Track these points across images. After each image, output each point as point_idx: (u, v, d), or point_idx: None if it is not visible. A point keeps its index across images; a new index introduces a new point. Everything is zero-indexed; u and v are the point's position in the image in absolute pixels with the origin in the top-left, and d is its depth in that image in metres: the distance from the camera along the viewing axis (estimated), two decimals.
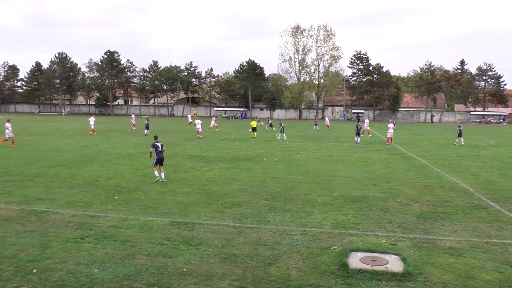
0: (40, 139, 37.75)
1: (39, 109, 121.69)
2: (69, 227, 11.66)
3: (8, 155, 26.24)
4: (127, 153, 27.83)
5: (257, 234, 11.19)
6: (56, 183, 17.70)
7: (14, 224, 11.86)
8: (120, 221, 12.19)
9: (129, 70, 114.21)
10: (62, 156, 26.05)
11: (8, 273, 8.68)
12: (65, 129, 51.71)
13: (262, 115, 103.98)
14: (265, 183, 18.06)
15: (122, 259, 9.43)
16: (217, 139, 39.47)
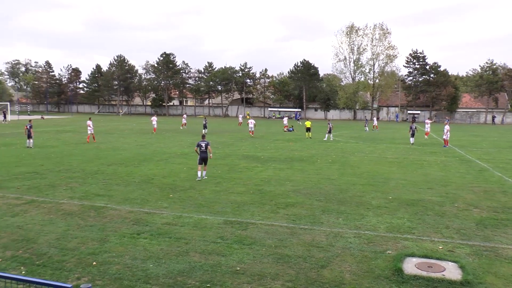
0: (99, 138, 39.21)
1: (99, 109, 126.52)
2: (126, 223, 12.04)
3: (71, 153, 27.44)
4: (182, 153, 28.41)
5: (310, 236, 11.12)
6: (114, 180, 18.34)
7: (76, 218, 12.40)
8: (174, 219, 12.45)
9: (185, 72, 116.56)
10: (119, 155, 26.95)
11: (71, 264, 9.09)
12: (122, 129, 53.45)
13: (317, 116, 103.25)
14: (319, 184, 17.92)
15: (176, 255, 9.63)
16: (271, 139, 39.56)
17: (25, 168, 21.40)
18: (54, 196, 15.20)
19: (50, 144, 33.52)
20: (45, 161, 23.72)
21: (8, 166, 21.85)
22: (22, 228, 11.47)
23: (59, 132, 47.11)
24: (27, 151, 28.27)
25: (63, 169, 21.21)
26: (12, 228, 11.47)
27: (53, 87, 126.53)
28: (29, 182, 17.71)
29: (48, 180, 18.17)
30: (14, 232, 11.19)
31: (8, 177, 18.81)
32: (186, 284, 8.18)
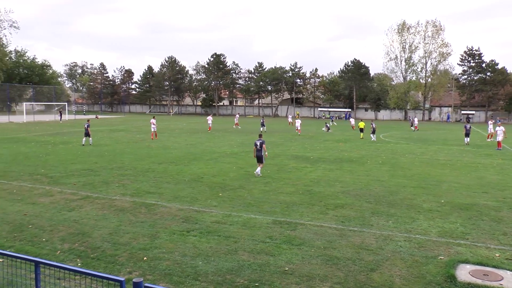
0: (151, 137, 40.15)
1: (150, 109, 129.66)
2: (175, 220, 12.28)
3: (123, 152, 28.27)
4: (231, 152, 28.68)
5: (359, 238, 10.96)
6: (164, 178, 18.74)
7: (127, 214, 12.77)
8: (224, 217, 12.58)
9: (235, 72, 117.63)
10: (170, 154, 27.51)
11: (123, 258, 9.37)
12: (173, 128, 54.53)
13: (367, 116, 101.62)
14: (369, 186, 17.63)
15: (225, 254, 9.73)
16: (321, 140, 39.28)
17: (81, 165, 22.23)
18: (107, 193, 15.72)
19: (103, 142, 34.67)
20: (99, 159, 24.56)
21: (66, 163, 22.77)
22: (78, 222, 11.94)
23: (112, 131, 48.65)
24: (83, 149, 29.37)
25: (115, 166, 21.90)
26: (69, 222, 11.96)
27: (107, 88, 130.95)
28: (84, 179, 18.39)
29: (101, 177, 18.80)
30: (71, 225, 11.66)
31: (66, 174, 19.61)
32: (234, 283, 8.25)
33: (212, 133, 46.38)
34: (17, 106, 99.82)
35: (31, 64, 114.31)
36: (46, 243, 10.32)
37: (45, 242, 10.35)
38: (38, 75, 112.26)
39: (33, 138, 37.92)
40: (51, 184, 17.24)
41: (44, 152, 27.53)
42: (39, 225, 11.71)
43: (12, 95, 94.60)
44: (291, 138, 40.67)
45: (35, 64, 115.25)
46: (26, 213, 12.91)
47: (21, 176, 19.08)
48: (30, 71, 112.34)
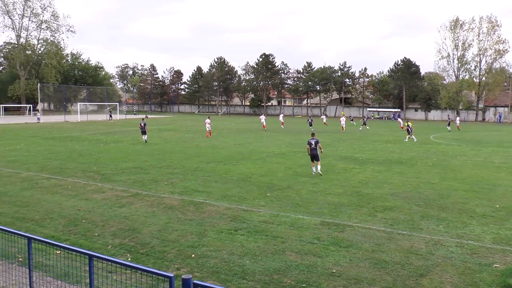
0: (199, 136, 40.82)
1: (199, 109, 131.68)
2: (223, 219, 12.40)
3: (172, 151, 28.84)
4: (279, 152, 28.69)
5: (409, 242, 10.70)
6: (212, 177, 18.97)
7: (176, 212, 13.01)
8: (271, 217, 12.60)
9: (283, 72, 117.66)
10: (218, 153, 27.82)
11: (172, 255, 9.57)
12: (221, 128, 55.09)
13: (417, 116, 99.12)
14: (418, 188, 17.19)
15: (272, 253, 9.74)
16: (369, 140, 38.66)
17: (131, 163, 22.85)
18: (157, 191, 16.08)
19: (153, 141, 35.46)
20: (149, 158, 25.16)
21: (117, 161, 23.48)
22: (128, 219, 12.28)
23: (161, 130, 49.70)
24: (133, 148, 30.17)
25: (165, 165, 22.37)
26: (120, 218, 12.32)
27: (157, 88, 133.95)
28: (134, 177, 18.89)
29: (151, 175, 19.25)
30: (122, 221, 12.01)
31: (117, 171, 20.22)
32: (281, 283, 8.25)
33: (260, 133, 46.54)
34: (72, 106, 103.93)
35: (85, 66, 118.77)
36: (98, 237, 10.69)
37: (97, 237, 10.72)
38: (92, 76, 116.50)
39: (86, 137, 39.32)
40: (103, 181, 17.83)
41: (96, 151, 28.48)
42: (92, 220, 12.13)
43: (68, 95, 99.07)
44: (339, 139, 40.23)
45: (89, 66, 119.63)
46: (80, 208, 13.41)
47: (76, 173, 19.84)
48: (85, 72, 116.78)
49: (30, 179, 18.34)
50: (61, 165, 22.16)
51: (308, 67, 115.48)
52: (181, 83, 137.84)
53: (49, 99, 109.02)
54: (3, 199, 14.67)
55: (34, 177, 18.67)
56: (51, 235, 10.78)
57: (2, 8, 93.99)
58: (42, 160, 24.02)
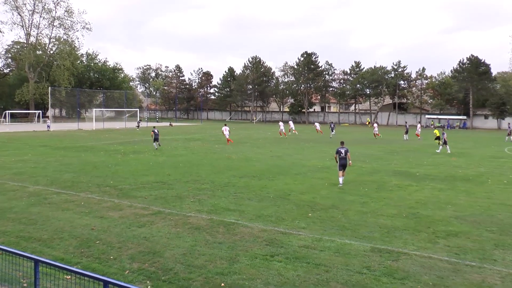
0: (230, 147, 41.03)
1: (230, 116, 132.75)
2: (258, 242, 12.35)
3: (200, 163, 29.06)
4: (323, 166, 28.51)
5: (479, 276, 10.36)
6: (245, 194, 18.99)
7: (203, 234, 13.04)
8: (313, 241, 12.47)
9: (328, 73, 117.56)
10: (252, 166, 27.86)
11: (198, 283, 9.57)
12: (256, 138, 55.24)
13: (487, 125, 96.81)
14: (490, 211, 16.72)
15: (315, 284, 9.61)
16: (428, 153, 38.00)
17: (153, 177, 23.12)
18: (181, 208, 16.19)
19: (178, 153, 35.85)
20: (173, 171, 25.40)
21: (136, 175, 23.80)
22: (148, 240, 12.37)
23: (187, 140, 50.23)
24: (155, 160, 30.55)
25: (191, 179, 22.53)
26: (139, 239, 12.43)
27: (183, 92, 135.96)
28: (156, 192, 19.09)
29: (175, 191, 19.42)
30: (141, 243, 12.11)
31: (136, 186, 20.48)
32: None
33: (300, 143, 46.40)
34: (87, 112, 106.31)
35: (102, 67, 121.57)
36: (114, 261, 10.79)
37: (113, 260, 10.82)
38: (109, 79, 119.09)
39: (102, 147, 40.10)
40: (120, 197, 18.09)
41: (113, 162, 28.98)
42: (107, 241, 12.28)
43: (82, 100, 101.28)
44: (392, 151, 39.69)
45: (106, 68, 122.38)
46: (94, 227, 13.61)
47: (89, 187, 20.20)
48: (101, 75, 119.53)
49: (38, 193, 18.77)
50: (73, 178, 22.63)
51: (356, 67, 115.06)
52: (211, 86, 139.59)
53: (61, 104, 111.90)
54: (7, 216, 15.03)
55: (42, 192, 19.11)
56: (60, 257, 10.96)
57: (10, 3, 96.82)
58: (52, 172, 24.58)
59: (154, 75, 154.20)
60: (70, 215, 15.12)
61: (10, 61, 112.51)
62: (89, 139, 49.77)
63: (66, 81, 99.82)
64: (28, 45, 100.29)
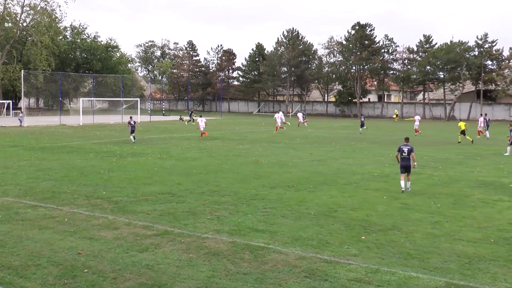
0: (259, 149, 41.09)
1: (259, 107, 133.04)
2: (294, 273, 12.34)
3: (219, 169, 29.18)
4: (380, 173, 28.34)
5: None
6: (278, 209, 18.99)
7: (224, 261, 13.08)
8: (368, 273, 12.42)
9: (387, 51, 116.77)
10: (287, 173, 27.87)
11: None
12: (292, 136, 55.20)
13: None
14: None
15: None
16: None
17: (158, 186, 23.30)
18: (195, 228, 16.26)
19: (190, 155, 36.05)
20: (184, 179, 25.56)
21: (136, 183, 24.03)
22: (152, 269, 12.44)
23: (202, 139, 50.40)
24: (161, 164, 30.77)
25: (207, 190, 22.64)
26: (139, 268, 12.52)
27: (197, 76, 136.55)
28: (162, 206, 19.22)
29: (187, 205, 19.53)
30: (142, 273, 12.18)
31: (136, 198, 20.67)
32: None
33: (351, 144, 46.19)
34: (72, 103, 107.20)
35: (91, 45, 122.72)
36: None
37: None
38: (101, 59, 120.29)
39: (91, 147, 40.60)
40: (115, 213, 18.25)
41: (106, 167, 29.30)
42: (98, 269, 12.39)
43: (66, 87, 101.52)
44: (475, 154, 39.24)
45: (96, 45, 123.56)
46: (81, 251, 13.75)
47: (75, 199, 20.43)
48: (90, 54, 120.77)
49: (8, 207, 19.03)
50: (53, 187, 22.92)
51: (426, 43, 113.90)
52: (233, 69, 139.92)
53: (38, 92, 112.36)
54: None
55: (13, 205, 19.37)
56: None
57: None
58: (25, 180, 24.94)
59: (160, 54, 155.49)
60: (49, 235, 15.29)
61: None
62: (75, 137, 50.43)
63: (44, 62, 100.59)
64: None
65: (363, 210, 19.15)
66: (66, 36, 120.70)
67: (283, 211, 18.83)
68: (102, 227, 16.24)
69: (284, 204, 20.02)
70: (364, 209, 19.41)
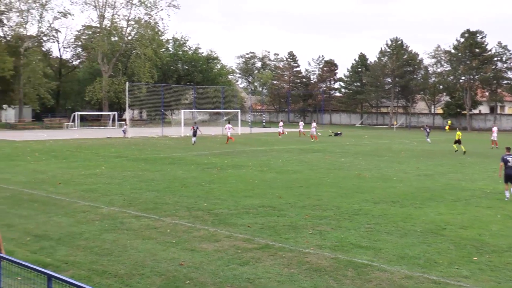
0: (362, 162, 40.71)
1: (361, 119, 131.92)
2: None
3: (321, 182, 29.10)
4: (493, 190, 27.46)
5: None
6: (382, 226, 18.73)
7: (326, 278, 12.99)
8: None
9: (500, 59, 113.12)
10: (391, 188, 27.49)
11: None
12: (397, 149, 54.40)
13: None
14: None
15: None
16: None
17: (258, 199, 23.47)
18: (296, 243, 16.24)
19: (291, 168, 36.11)
20: (285, 192, 25.64)
21: (237, 196, 24.30)
22: (253, 283, 12.52)
23: (303, 151, 50.50)
24: (261, 177, 30.95)
25: (308, 204, 22.61)
26: (240, 281, 12.62)
27: (297, 88, 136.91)
28: (262, 220, 19.33)
29: (288, 219, 19.56)
30: (243, 286, 12.28)
31: (236, 211, 20.89)
32: None
33: (459, 157, 45.08)
34: (173, 114, 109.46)
35: (193, 57, 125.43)
36: None
37: None
38: (202, 71, 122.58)
39: (192, 159, 41.38)
40: (216, 225, 18.51)
41: (207, 179, 29.76)
42: (200, 281, 12.56)
43: (167, 99, 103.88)
44: None
45: (198, 57, 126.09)
46: (182, 262, 14.01)
47: (177, 210, 20.89)
48: (192, 66, 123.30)
49: (114, 216, 19.71)
50: (156, 198, 23.54)
51: None
52: (335, 80, 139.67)
53: (141, 104, 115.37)
54: (77, 243, 15.88)
55: (118, 215, 20.05)
56: None
57: None
58: (129, 190, 25.74)
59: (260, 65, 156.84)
60: (152, 246, 15.70)
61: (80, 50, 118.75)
62: (176, 149, 51.62)
63: (148, 74, 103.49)
64: (102, 30, 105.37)
65: (474, 229, 18.59)
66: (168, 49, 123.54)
67: (388, 227, 18.56)
68: (203, 239, 16.52)
69: (389, 220, 19.74)
70: (476, 227, 18.84)
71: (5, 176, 30.13)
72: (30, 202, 22.62)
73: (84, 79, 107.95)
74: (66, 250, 15.18)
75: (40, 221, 18.96)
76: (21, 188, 26.18)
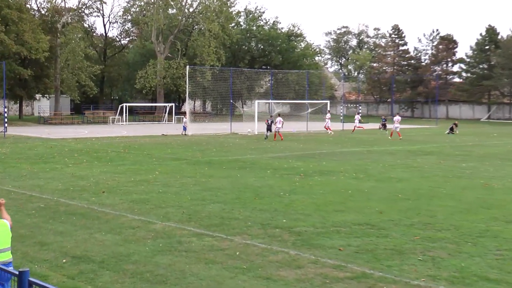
0: (490, 168, 39.89)
1: (489, 113, 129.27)
2: None
3: (434, 194, 28.59)
4: None
5: None
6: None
7: None
8: None
9: None
10: None
11: None
12: None
13: None
14: None
15: None
16: None
17: (353, 214, 23.21)
18: (401, 271, 15.92)
19: (395, 175, 35.65)
20: (386, 205, 25.31)
21: (325, 210, 24.09)
22: None
23: (411, 153, 49.92)
24: (357, 186, 30.61)
25: (418, 222, 22.20)
26: None
27: (404, 72, 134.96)
28: (358, 241, 19.06)
29: (391, 240, 19.24)
30: None
31: (324, 229, 20.66)
32: None
33: None
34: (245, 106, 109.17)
35: (270, 33, 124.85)
36: None
37: None
38: (281, 51, 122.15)
39: (268, 162, 41.45)
40: (298, 247, 18.33)
41: (287, 188, 29.69)
42: None
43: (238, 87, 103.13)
44: None
45: (276, 34, 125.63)
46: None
47: (249, 227, 20.82)
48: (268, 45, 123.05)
49: (170, 234, 19.73)
50: (222, 212, 23.54)
51: None
52: (454, 61, 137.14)
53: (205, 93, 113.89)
54: (124, 267, 15.95)
55: (175, 232, 20.08)
56: None
57: None
58: (189, 201, 25.84)
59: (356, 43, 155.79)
60: (217, 272, 15.64)
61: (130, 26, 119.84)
62: (249, 149, 51.93)
63: (213, 55, 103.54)
64: (157, 1, 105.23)
65: None
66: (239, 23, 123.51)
67: None
68: (282, 265, 16.35)
69: None
70: None
71: (38, 183, 30.75)
72: (67, 214, 22.93)
73: (134, 62, 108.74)
74: (110, 276, 15.25)
75: (80, 238, 19.14)
76: (57, 197, 26.64)
